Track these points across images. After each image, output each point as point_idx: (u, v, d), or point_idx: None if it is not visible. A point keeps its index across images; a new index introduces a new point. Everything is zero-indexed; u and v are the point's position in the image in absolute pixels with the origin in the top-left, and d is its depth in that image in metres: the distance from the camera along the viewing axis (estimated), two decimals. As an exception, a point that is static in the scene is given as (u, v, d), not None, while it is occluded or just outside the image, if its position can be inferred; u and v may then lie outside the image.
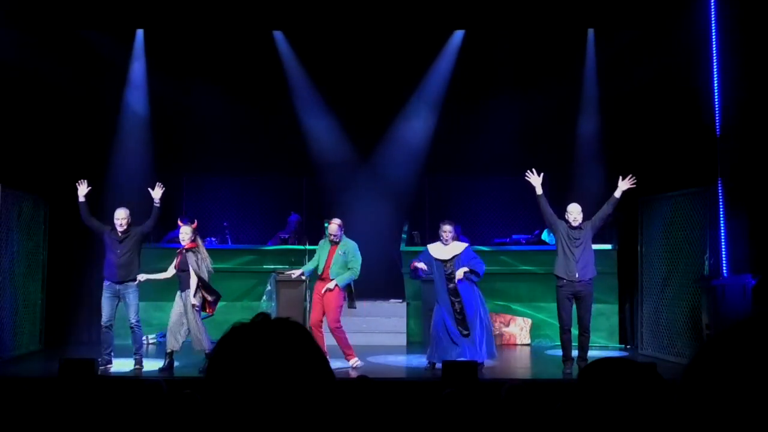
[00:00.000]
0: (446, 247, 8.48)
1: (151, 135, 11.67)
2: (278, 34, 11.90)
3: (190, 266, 8.25)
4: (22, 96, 10.21)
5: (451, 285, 8.31)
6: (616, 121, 10.98)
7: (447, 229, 8.48)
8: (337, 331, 8.51)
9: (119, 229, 8.53)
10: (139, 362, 8.35)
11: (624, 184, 8.28)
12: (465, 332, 8.23)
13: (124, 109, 11.40)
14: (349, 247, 8.69)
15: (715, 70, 9.05)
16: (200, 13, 10.62)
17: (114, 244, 8.54)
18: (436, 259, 8.44)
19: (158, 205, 8.60)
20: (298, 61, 11.94)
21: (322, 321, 8.59)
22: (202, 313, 8.36)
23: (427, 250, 8.60)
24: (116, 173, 11.14)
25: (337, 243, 8.68)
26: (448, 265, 8.38)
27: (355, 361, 8.44)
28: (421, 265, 8.35)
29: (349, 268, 8.61)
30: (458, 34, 11.80)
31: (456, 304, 8.29)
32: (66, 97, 10.79)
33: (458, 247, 8.50)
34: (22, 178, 9.93)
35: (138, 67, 11.56)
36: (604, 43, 11.13)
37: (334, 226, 8.73)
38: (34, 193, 10.19)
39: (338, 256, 8.62)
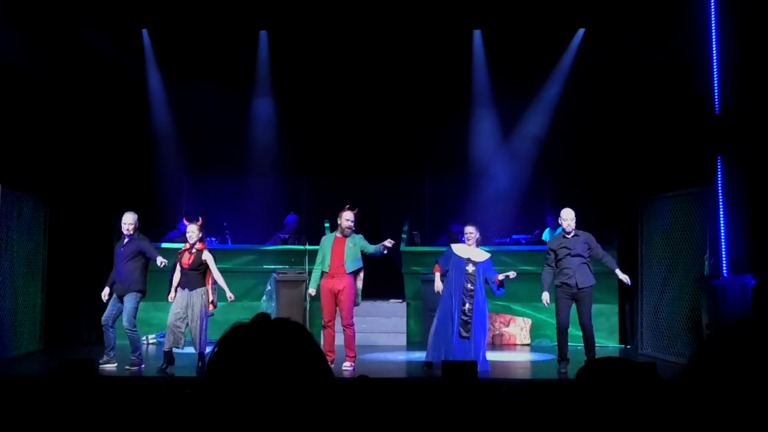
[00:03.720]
0: (470, 249, 8.49)
1: (151, 135, 11.67)
2: (268, 35, 11.86)
3: (210, 266, 8.27)
4: (23, 96, 10.22)
5: (470, 285, 8.33)
6: (616, 121, 10.97)
7: (470, 231, 8.53)
8: (350, 329, 8.48)
9: (125, 233, 8.50)
10: (136, 363, 8.33)
11: (623, 277, 8.46)
12: (465, 334, 8.25)
13: (125, 109, 11.39)
14: (358, 238, 8.56)
15: (715, 69, 9.05)
16: (200, 12, 10.62)
17: (118, 251, 8.55)
18: (458, 257, 8.45)
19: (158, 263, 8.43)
20: (299, 62, 11.93)
21: (334, 319, 8.55)
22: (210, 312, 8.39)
23: (449, 249, 8.63)
24: (116, 173, 11.14)
25: (347, 236, 8.54)
26: (471, 266, 8.38)
27: (349, 365, 8.41)
28: (438, 288, 8.47)
29: (368, 248, 8.51)
30: (465, 36, 11.80)
31: (467, 305, 8.29)
32: (66, 97, 10.79)
33: (483, 254, 8.52)
34: (22, 178, 9.93)
35: (139, 68, 11.57)
36: (602, 41, 11.12)
37: (350, 213, 8.55)
38: (34, 193, 10.19)
39: (350, 248, 8.49)
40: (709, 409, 0.96)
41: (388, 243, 8.52)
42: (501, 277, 8.38)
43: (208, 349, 8.12)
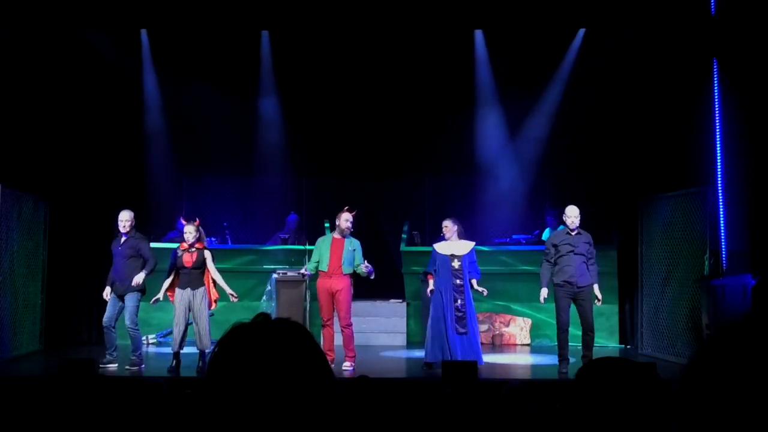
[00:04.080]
0: (452, 244, 8.51)
1: (151, 135, 11.67)
2: (269, 35, 11.86)
3: (208, 265, 8.29)
4: (23, 96, 10.22)
5: (458, 281, 8.36)
6: (615, 121, 10.97)
7: (446, 225, 8.59)
8: (348, 329, 8.50)
9: (122, 230, 8.49)
10: (136, 363, 8.33)
11: (598, 294, 8.35)
12: (462, 330, 8.29)
13: (125, 110, 11.39)
14: (356, 244, 8.58)
15: (715, 67, 9.06)
16: (200, 12, 10.62)
17: (115, 249, 8.54)
18: (442, 255, 8.46)
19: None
20: (299, 63, 11.93)
21: (333, 318, 8.54)
22: (210, 311, 8.41)
23: (433, 250, 8.64)
24: (116, 173, 11.14)
25: (345, 237, 8.58)
26: (456, 262, 8.40)
27: (349, 365, 8.42)
28: (430, 288, 8.53)
29: (359, 264, 8.55)
30: (465, 36, 11.80)
31: (459, 300, 8.33)
32: (66, 97, 10.79)
33: (466, 245, 8.53)
34: (22, 178, 9.94)
35: (139, 68, 11.57)
36: (602, 41, 11.13)
37: (348, 215, 8.55)
38: (34, 193, 10.19)
39: (348, 251, 8.51)
40: (709, 409, 0.96)
41: (365, 268, 8.51)
42: (475, 285, 8.45)
43: (209, 349, 8.13)
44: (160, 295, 8.34)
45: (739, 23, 8.85)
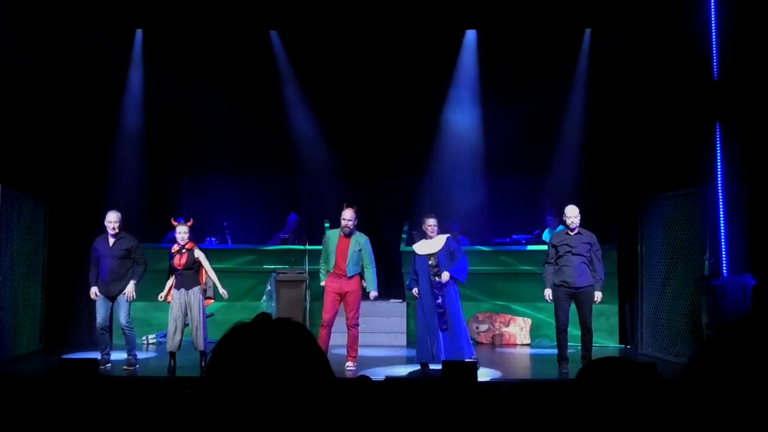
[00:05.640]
0: (430, 242, 8.53)
1: (151, 135, 11.67)
2: (276, 35, 11.89)
3: (203, 263, 8.29)
4: (23, 96, 10.21)
5: (436, 279, 8.38)
6: (616, 121, 10.97)
7: (431, 223, 8.59)
8: (355, 329, 8.49)
9: (111, 232, 8.47)
10: (131, 362, 8.32)
11: (598, 296, 8.37)
12: (444, 327, 8.31)
13: (125, 110, 11.40)
14: (362, 242, 8.53)
15: (714, 70, 9.06)
16: (200, 13, 10.63)
17: (105, 249, 8.48)
18: (420, 256, 8.50)
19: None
20: (297, 62, 11.94)
21: (333, 321, 8.50)
22: (207, 312, 8.40)
23: (414, 254, 8.68)
24: (116, 173, 11.14)
25: (350, 236, 8.53)
26: (433, 260, 8.42)
27: (352, 365, 8.41)
28: (415, 292, 8.55)
29: (366, 266, 8.49)
30: (463, 35, 11.80)
31: (439, 298, 8.35)
32: (66, 97, 10.79)
33: (439, 240, 8.56)
34: (22, 178, 9.93)
35: (138, 68, 11.57)
36: (603, 41, 11.13)
37: (348, 212, 8.51)
38: (34, 193, 10.19)
39: (354, 251, 8.46)
40: (709, 409, 0.96)
41: (372, 296, 8.60)
42: (446, 276, 8.37)
43: (208, 349, 8.13)
44: (165, 293, 8.34)
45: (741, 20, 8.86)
